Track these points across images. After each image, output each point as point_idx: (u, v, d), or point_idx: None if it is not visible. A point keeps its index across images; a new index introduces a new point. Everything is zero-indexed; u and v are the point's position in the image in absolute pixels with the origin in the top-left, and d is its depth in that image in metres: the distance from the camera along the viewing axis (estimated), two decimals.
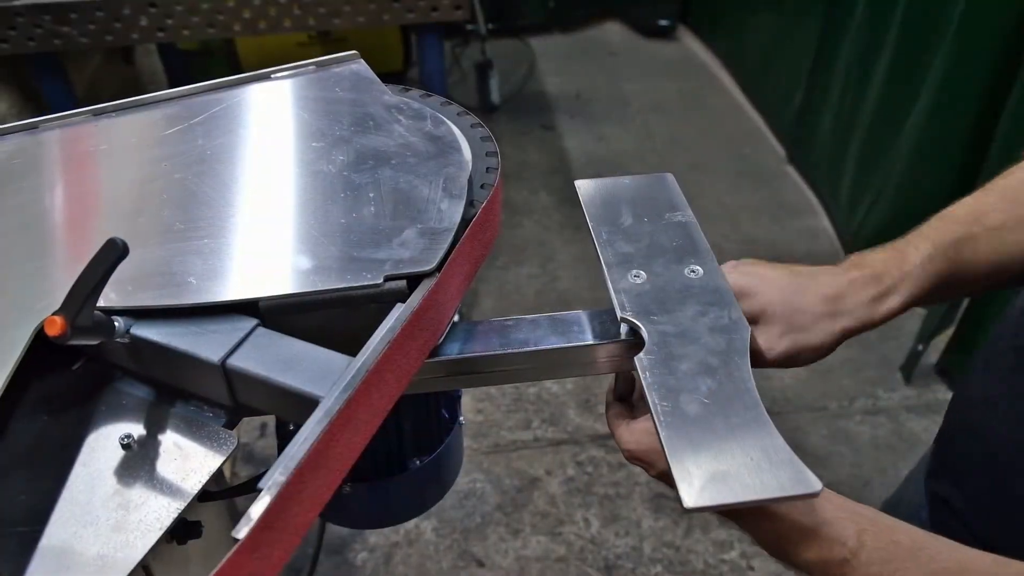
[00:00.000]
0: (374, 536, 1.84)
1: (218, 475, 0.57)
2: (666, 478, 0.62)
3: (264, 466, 0.46)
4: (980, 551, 0.54)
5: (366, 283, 0.56)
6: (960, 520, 0.73)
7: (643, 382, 0.56)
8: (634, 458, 0.64)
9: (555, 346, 0.64)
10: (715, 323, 0.60)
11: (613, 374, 0.70)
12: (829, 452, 2.00)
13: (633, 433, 0.64)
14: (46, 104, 1.85)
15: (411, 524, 1.85)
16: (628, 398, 0.71)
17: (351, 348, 0.53)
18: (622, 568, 1.77)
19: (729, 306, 0.62)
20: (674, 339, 0.59)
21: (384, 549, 1.81)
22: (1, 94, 1.84)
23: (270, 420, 2.04)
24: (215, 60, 3.06)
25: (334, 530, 1.81)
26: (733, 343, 0.58)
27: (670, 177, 0.76)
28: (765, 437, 0.52)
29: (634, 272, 0.65)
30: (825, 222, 2.77)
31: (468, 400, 2.15)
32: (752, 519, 0.57)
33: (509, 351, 0.64)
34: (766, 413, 0.53)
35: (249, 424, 2.08)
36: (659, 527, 1.84)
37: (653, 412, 0.54)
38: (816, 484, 0.48)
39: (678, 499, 0.49)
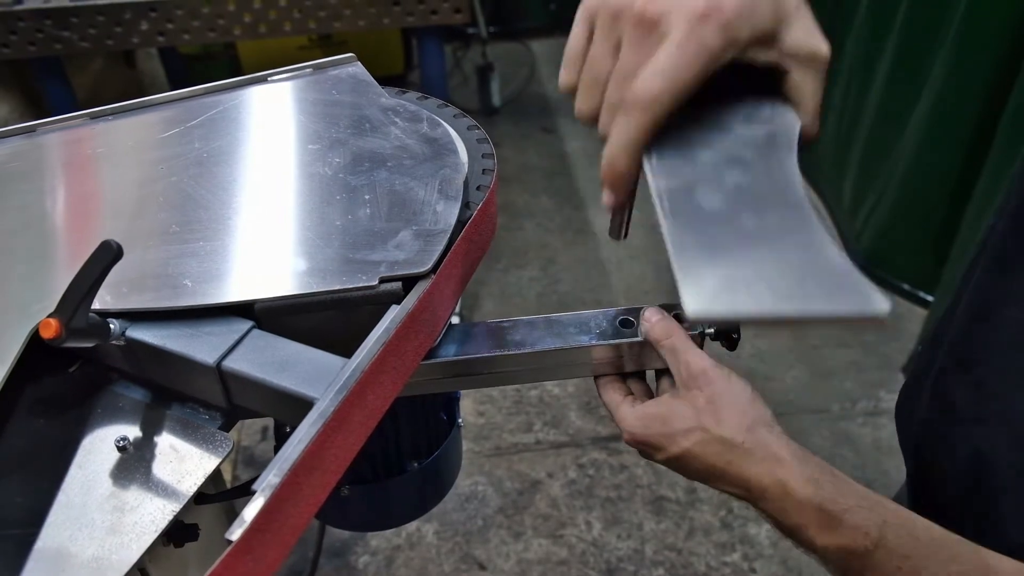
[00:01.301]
0: (375, 539, 1.84)
1: (216, 477, 0.57)
2: (677, 461, 0.58)
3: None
4: (1001, 555, 0.52)
5: (361, 285, 0.56)
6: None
7: (646, 169, 0.44)
8: (637, 442, 0.60)
9: (552, 347, 0.64)
10: (752, 111, 0.46)
11: None
12: (832, 454, 1.99)
13: (640, 417, 0.60)
14: (48, 108, 1.86)
15: (412, 527, 1.85)
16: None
17: (346, 350, 0.53)
18: (624, 571, 1.76)
19: (773, 98, 0.46)
20: (695, 123, 0.45)
21: (386, 552, 1.81)
22: (3, 98, 1.85)
23: (272, 424, 2.04)
24: (216, 64, 3.06)
25: (335, 533, 1.81)
26: (776, 137, 0.44)
27: None
28: (812, 240, 0.38)
29: None
30: (828, 224, 2.77)
31: (469, 403, 2.15)
32: (776, 500, 0.54)
33: (506, 352, 0.63)
34: (815, 215, 0.40)
35: (251, 428, 2.08)
36: (661, 530, 1.84)
37: (658, 205, 0.41)
38: (884, 306, 0.35)
39: (681, 308, 0.37)
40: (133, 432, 0.56)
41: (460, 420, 0.85)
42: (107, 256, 0.48)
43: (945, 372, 0.67)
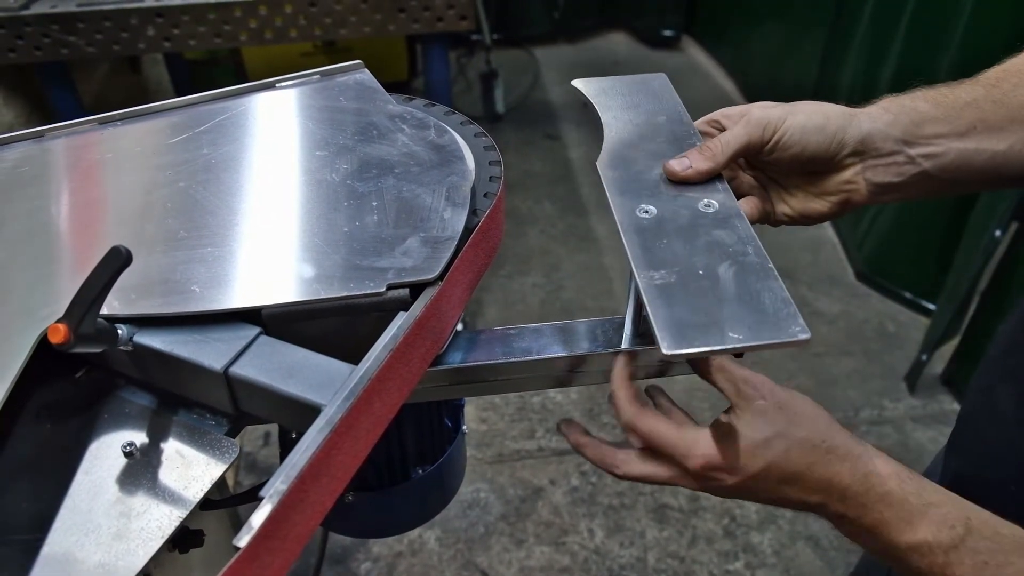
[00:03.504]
0: (377, 546, 1.83)
1: (220, 483, 0.57)
2: (754, 480, 0.55)
3: (267, 476, 0.46)
4: None
5: (369, 291, 0.56)
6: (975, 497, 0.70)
7: (628, 252, 0.57)
8: (711, 469, 0.54)
9: (558, 355, 0.64)
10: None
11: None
12: None
13: (711, 443, 0.55)
14: (53, 113, 1.86)
15: (415, 534, 1.85)
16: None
17: (354, 356, 0.53)
18: None
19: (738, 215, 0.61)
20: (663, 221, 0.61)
21: (388, 559, 1.81)
22: (9, 103, 1.85)
23: (273, 430, 2.04)
24: (221, 70, 3.07)
25: (337, 540, 1.80)
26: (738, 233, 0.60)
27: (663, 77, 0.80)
28: (754, 285, 0.54)
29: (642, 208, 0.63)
30: (830, 231, 2.76)
31: (472, 409, 2.15)
32: (858, 496, 0.53)
33: (512, 360, 0.63)
34: (758, 261, 0.56)
35: (253, 434, 2.08)
36: (663, 537, 1.83)
37: (636, 276, 0.55)
38: (806, 334, 0.50)
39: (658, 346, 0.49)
40: (140, 438, 0.56)
41: (464, 427, 0.84)
42: (117, 262, 0.48)
43: None
